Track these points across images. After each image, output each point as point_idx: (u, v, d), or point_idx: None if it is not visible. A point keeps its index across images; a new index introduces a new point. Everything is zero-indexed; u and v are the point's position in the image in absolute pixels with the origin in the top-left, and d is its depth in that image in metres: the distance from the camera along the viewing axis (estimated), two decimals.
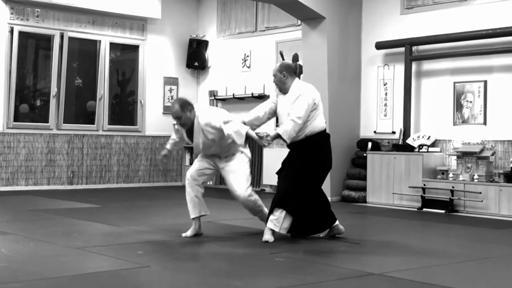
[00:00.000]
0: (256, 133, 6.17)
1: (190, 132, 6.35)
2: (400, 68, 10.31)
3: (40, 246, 5.82)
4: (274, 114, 6.53)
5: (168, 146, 6.71)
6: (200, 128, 6.25)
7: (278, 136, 6.16)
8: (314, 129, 6.30)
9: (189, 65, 13.35)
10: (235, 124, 6.14)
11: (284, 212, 6.21)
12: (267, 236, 6.20)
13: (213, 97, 13.08)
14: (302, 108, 6.15)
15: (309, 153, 6.30)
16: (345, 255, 5.76)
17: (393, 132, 10.40)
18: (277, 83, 6.42)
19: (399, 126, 10.26)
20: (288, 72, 6.37)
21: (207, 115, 6.26)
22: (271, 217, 6.23)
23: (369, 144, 10.27)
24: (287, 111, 6.25)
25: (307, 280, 4.67)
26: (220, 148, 6.35)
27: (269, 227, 6.23)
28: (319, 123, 6.34)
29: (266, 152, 11.82)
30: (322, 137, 6.41)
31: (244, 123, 6.33)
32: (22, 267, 4.90)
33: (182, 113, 6.23)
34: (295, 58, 11.67)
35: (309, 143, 6.29)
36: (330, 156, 6.53)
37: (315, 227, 6.47)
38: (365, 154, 10.25)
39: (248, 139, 6.15)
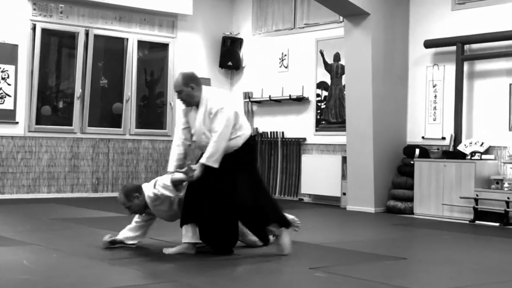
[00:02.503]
0: (180, 169, 6.04)
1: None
2: (451, 68, 10.23)
3: (63, 257, 5.87)
4: (192, 136, 6.32)
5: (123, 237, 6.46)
6: (155, 209, 6.23)
7: (203, 165, 5.95)
8: (245, 137, 6.19)
9: (223, 64, 13.39)
10: (160, 181, 6.07)
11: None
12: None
13: (248, 99, 13.10)
14: (222, 124, 5.96)
15: (251, 159, 6.27)
16: (390, 271, 5.72)
17: (443, 138, 10.33)
18: (185, 98, 6.19)
19: (449, 131, 10.18)
20: (195, 82, 6.17)
21: (149, 194, 6.14)
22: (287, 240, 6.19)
23: (417, 150, 10.20)
24: (207, 125, 6.06)
25: None
26: None
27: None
28: (246, 129, 6.23)
29: (305, 159, 11.82)
30: (251, 141, 6.31)
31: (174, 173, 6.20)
32: (44, 280, 4.95)
33: (130, 202, 6.21)
34: (337, 57, 11.65)
35: (244, 151, 6.18)
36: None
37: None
38: (412, 162, 10.18)
39: (177, 184, 6.06)
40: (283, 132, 12.51)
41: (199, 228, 6.07)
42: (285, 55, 12.63)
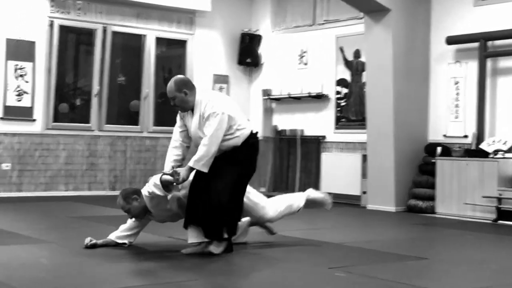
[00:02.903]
0: (169, 172, 6.01)
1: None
2: (473, 65, 10.19)
3: (81, 256, 5.89)
4: (190, 138, 6.31)
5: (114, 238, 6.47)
6: (155, 211, 6.23)
7: (191, 169, 5.92)
8: (245, 136, 6.16)
9: (241, 61, 13.41)
10: (152, 180, 6.07)
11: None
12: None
13: (266, 97, 13.11)
14: (213, 127, 5.91)
15: (247, 157, 6.20)
16: (411, 271, 5.71)
17: (465, 136, 10.28)
18: (179, 104, 6.16)
19: (472, 129, 10.14)
20: (189, 88, 6.12)
21: (145, 193, 6.15)
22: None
23: (439, 149, 10.17)
24: (202, 128, 6.03)
25: None
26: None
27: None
28: (246, 128, 6.18)
29: (324, 157, 11.80)
30: (251, 138, 6.23)
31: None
32: (61, 279, 4.98)
33: (129, 205, 6.20)
34: (357, 54, 11.64)
35: (243, 149, 6.15)
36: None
37: None
38: (433, 160, 10.15)
39: (167, 185, 6.01)
40: (302, 130, 12.51)
41: (202, 228, 6.08)
42: (305, 52, 12.62)
